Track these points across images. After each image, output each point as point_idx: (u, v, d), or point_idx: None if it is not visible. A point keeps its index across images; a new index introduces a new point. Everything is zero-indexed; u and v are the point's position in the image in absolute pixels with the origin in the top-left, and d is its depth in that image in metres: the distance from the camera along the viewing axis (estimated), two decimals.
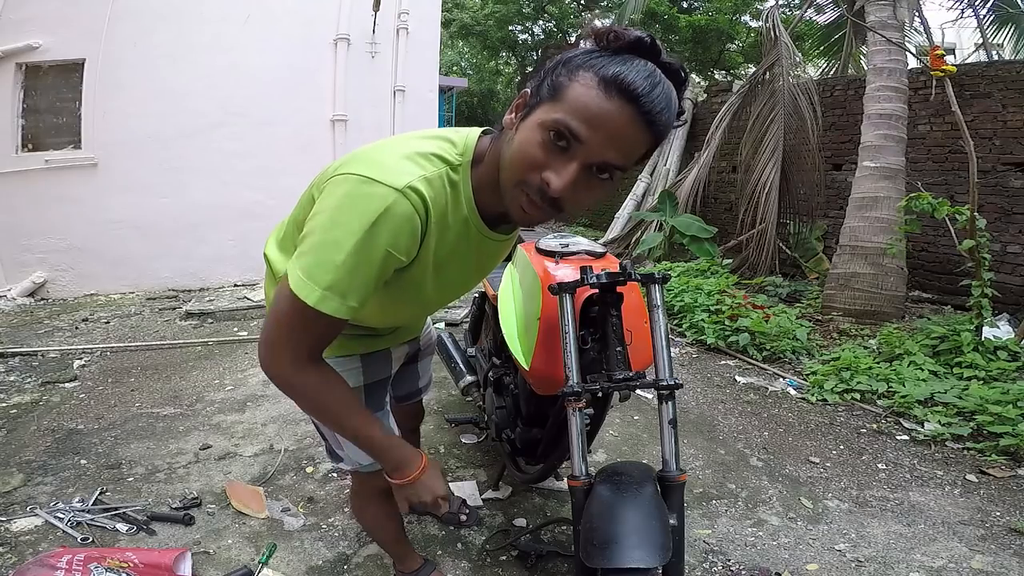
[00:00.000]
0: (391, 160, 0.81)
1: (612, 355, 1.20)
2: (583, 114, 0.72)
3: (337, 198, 0.79)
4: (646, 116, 0.72)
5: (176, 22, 4.86)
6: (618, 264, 1.30)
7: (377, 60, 5.39)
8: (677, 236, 5.79)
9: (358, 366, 1.17)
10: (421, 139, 0.88)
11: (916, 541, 1.79)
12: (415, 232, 0.81)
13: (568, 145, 0.74)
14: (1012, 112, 4.37)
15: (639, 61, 0.74)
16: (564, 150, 0.74)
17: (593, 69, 0.73)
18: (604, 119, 0.72)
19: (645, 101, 0.72)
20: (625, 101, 0.71)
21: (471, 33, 15.35)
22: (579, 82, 0.73)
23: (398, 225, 0.78)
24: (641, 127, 0.73)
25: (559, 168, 0.75)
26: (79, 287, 4.88)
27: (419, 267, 0.89)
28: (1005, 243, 4.37)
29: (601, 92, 0.72)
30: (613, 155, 0.75)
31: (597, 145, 0.73)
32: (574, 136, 0.73)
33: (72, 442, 2.28)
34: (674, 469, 1.12)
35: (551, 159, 0.75)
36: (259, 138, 5.07)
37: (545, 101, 0.76)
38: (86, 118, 4.75)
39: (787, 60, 5.60)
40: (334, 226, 0.78)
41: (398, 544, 1.45)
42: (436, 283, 0.95)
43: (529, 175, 0.77)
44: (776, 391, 3.07)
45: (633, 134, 0.74)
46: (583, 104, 0.72)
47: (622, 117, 0.72)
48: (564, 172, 0.75)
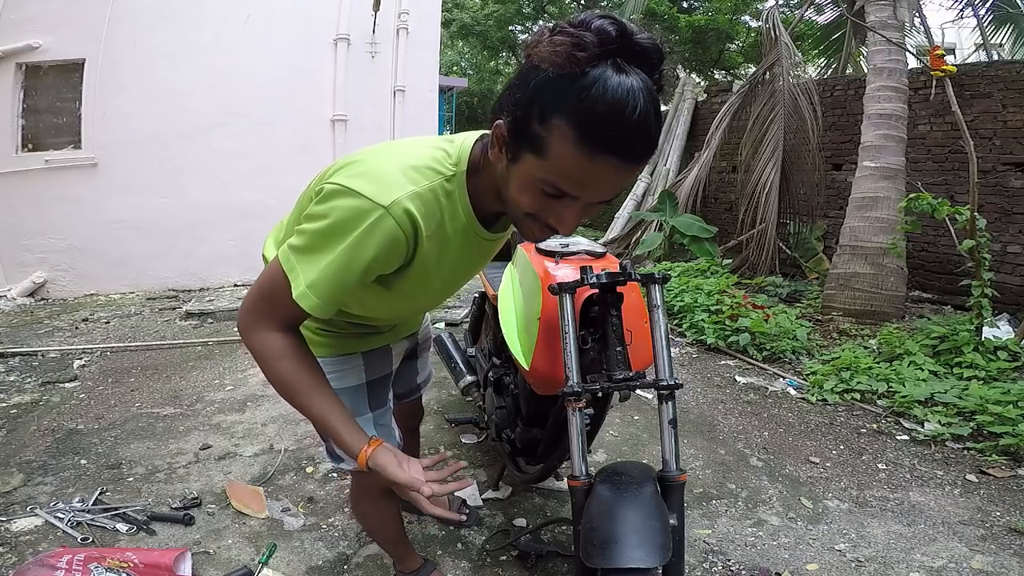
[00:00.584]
0: (384, 173, 0.83)
1: (612, 355, 1.20)
2: (571, 177, 0.72)
3: (329, 207, 0.81)
4: (633, 160, 0.71)
5: (176, 22, 4.86)
6: (618, 264, 1.30)
7: (377, 60, 5.39)
8: (677, 236, 5.79)
9: (360, 364, 1.18)
10: (418, 148, 0.89)
11: (916, 541, 1.79)
12: (399, 246, 0.84)
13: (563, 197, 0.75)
14: (1012, 112, 4.37)
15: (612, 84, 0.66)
16: (560, 200, 0.76)
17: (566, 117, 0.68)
18: (593, 178, 0.72)
19: (630, 147, 0.69)
20: (609, 155, 0.69)
21: (471, 33, 15.35)
22: (556, 136, 0.69)
23: (382, 240, 0.81)
24: (630, 167, 0.72)
25: (562, 214, 0.78)
26: (79, 287, 4.88)
27: (418, 272, 0.92)
28: (1005, 243, 4.37)
29: (583, 153, 0.69)
30: (609, 195, 0.76)
31: (592, 195, 0.75)
32: (568, 195, 0.74)
33: (72, 442, 2.28)
34: (674, 469, 1.12)
35: (551, 205, 0.77)
36: (259, 138, 5.07)
37: (528, 151, 0.73)
38: (86, 118, 4.76)
39: (787, 60, 5.60)
40: (324, 233, 0.81)
41: (398, 544, 1.45)
42: (439, 281, 0.98)
43: (536, 214, 0.79)
44: (776, 391, 3.07)
45: (624, 176, 0.73)
46: (569, 169, 0.71)
47: (610, 169, 0.71)
48: (567, 218, 0.78)
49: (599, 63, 0.67)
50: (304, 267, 0.83)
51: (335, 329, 1.12)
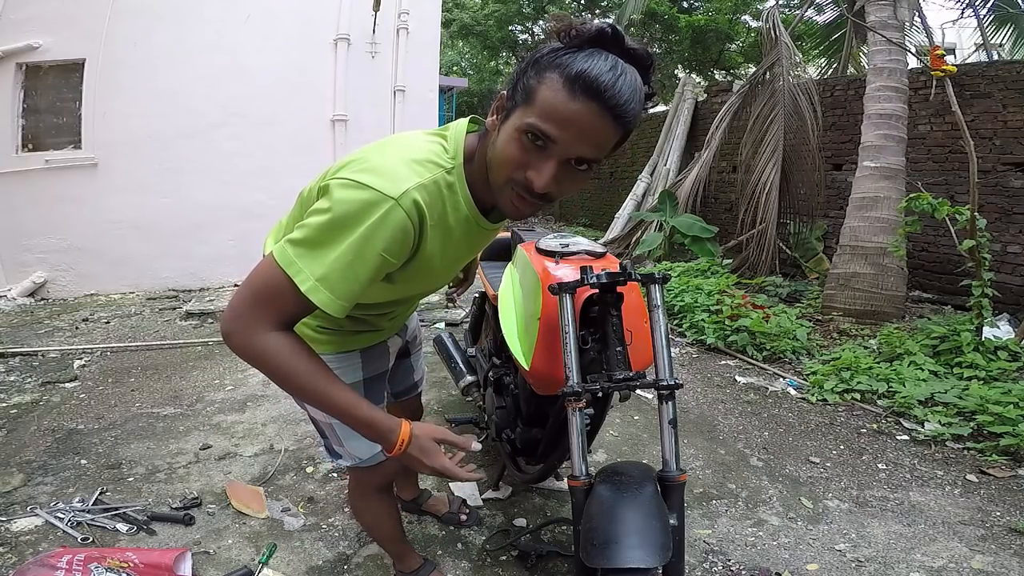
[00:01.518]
0: (390, 166, 0.84)
1: (612, 355, 1.20)
2: (552, 116, 0.76)
3: (336, 202, 0.80)
4: (612, 110, 0.76)
5: (176, 22, 4.86)
6: (618, 264, 1.30)
7: (377, 60, 5.39)
8: (677, 236, 5.79)
9: (358, 361, 1.19)
10: (417, 142, 0.91)
11: (916, 541, 1.79)
12: (408, 238, 0.85)
13: (544, 145, 0.79)
14: (1012, 112, 4.37)
15: (601, 56, 0.76)
16: (541, 149, 0.79)
17: (558, 69, 0.76)
18: (572, 118, 0.76)
19: (609, 96, 0.75)
20: (590, 98, 0.75)
21: (471, 33, 15.35)
22: (546, 84, 0.77)
23: (393, 232, 0.82)
24: (608, 120, 0.77)
25: (539, 167, 0.80)
26: (79, 287, 4.88)
27: (422, 262, 0.93)
28: (1005, 243, 4.37)
29: (566, 93, 0.75)
30: (586, 150, 0.79)
31: (569, 143, 0.78)
32: (547, 137, 0.78)
33: (72, 442, 2.28)
34: (674, 469, 1.12)
35: (531, 159, 0.80)
36: (259, 138, 5.07)
37: (519, 105, 0.80)
38: (86, 118, 4.76)
39: (787, 60, 5.60)
40: (332, 227, 0.80)
41: (397, 543, 1.45)
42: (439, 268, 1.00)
43: (514, 174, 0.82)
44: (776, 391, 3.07)
45: (601, 128, 0.77)
46: (551, 106, 0.76)
47: (589, 114, 0.76)
48: (544, 170, 0.80)
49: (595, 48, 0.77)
50: (309, 262, 0.80)
51: (335, 327, 1.13)
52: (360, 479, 1.31)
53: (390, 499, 1.37)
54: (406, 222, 0.82)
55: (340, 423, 1.14)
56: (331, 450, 1.24)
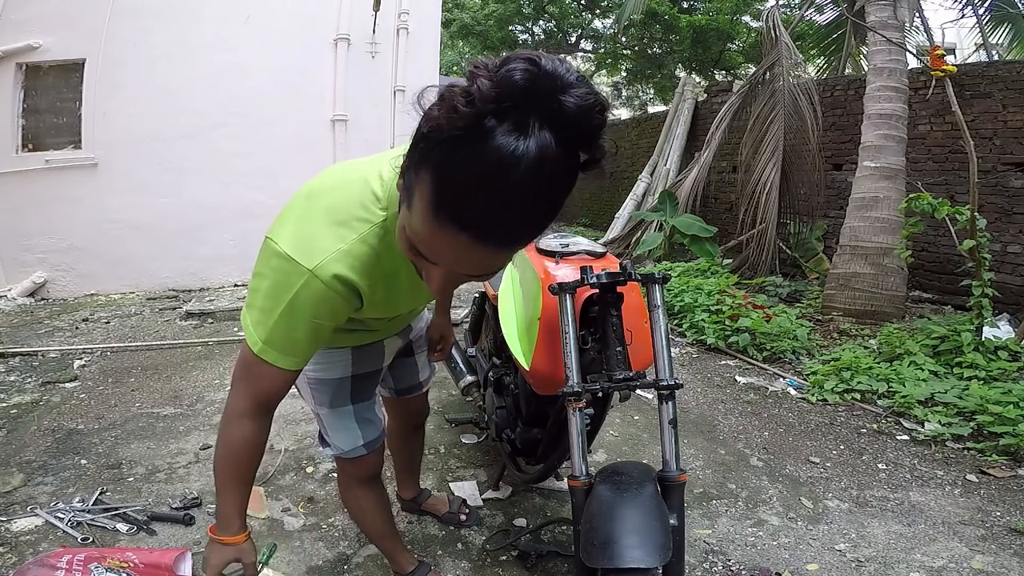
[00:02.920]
0: (313, 230, 0.82)
1: (612, 355, 1.20)
2: (423, 240, 0.62)
3: (266, 270, 0.83)
4: (492, 241, 0.59)
5: (176, 22, 4.86)
6: (618, 264, 1.30)
7: (377, 60, 5.39)
8: (677, 236, 5.79)
9: (347, 358, 1.20)
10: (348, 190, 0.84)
11: (916, 541, 1.79)
12: (337, 302, 0.84)
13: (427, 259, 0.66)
14: (1012, 112, 4.37)
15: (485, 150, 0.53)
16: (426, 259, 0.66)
17: (429, 172, 0.58)
18: (442, 250, 0.61)
19: (485, 228, 0.57)
20: (459, 230, 0.57)
21: (471, 33, 15.32)
22: (419, 191, 0.60)
23: (315, 303, 0.82)
24: (491, 249, 0.60)
25: (428, 271, 0.69)
26: (79, 287, 4.88)
27: (376, 306, 0.93)
28: (1005, 243, 4.37)
29: (431, 219, 0.59)
30: (471, 270, 0.65)
31: (450, 265, 0.65)
32: (427, 258, 0.65)
33: (72, 442, 2.28)
34: (674, 469, 1.12)
35: (419, 261, 0.68)
36: (259, 138, 5.07)
37: (405, 201, 0.64)
38: (86, 118, 4.76)
39: (787, 60, 5.60)
40: (266, 295, 0.84)
41: (384, 538, 1.45)
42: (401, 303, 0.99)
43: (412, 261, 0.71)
44: (776, 391, 3.07)
45: (484, 256, 0.62)
46: (419, 230, 0.61)
47: (459, 246, 0.59)
48: (433, 278, 0.69)
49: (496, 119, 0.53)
50: (258, 327, 0.85)
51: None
52: (344, 469, 1.35)
53: (375, 493, 1.38)
54: (327, 292, 0.81)
55: (326, 414, 1.22)
56: (321, 438, 1.30)
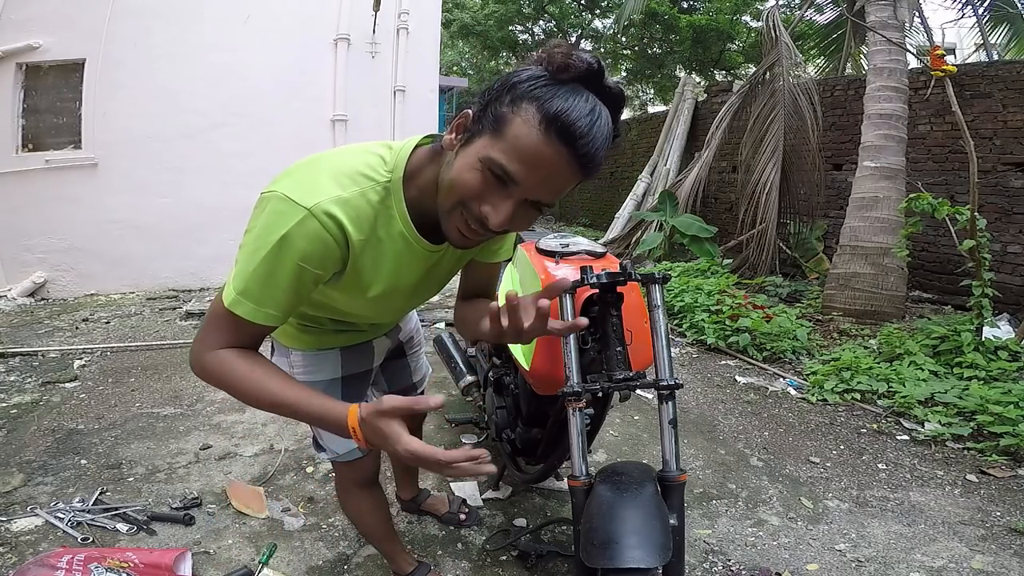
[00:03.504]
0: (314, 179, 0.83)
1: (612, 355, 1.20)
2: (521, 156, 0.73)
3: (259, 214, 0.83)
4: (581, 159, 0.74)
5: (176, 22, 4.86)
6: (618, 264, 1.30)
7: (377, 60, 5.39)
8: (677, 236, 5.79)
9: (336, 359, 1.20)
10: (355, 154, 0.88)
11: (916, 541, 1.79)
12: (328, 249, 0.83)
13: (506, 183, 0.76)
14: (1012, 112, 4.37)
15: (581, 96, 0.74)
16: (502, 187, 0.76)
17: (536, 103, 0.73)
18: (541, 162, 0.74)
19: (582, 143, 0.73)
20: (563, 144, 0.72)
21: (471, 33, 15.34)
22: (520, 117, 0.73)
23: (307, 241, 0.80)
24: (575, 168, 0.75)
25: (497, 203, 0.77)
26: (79, 287, 4.88)
27: (356, 276, 0.91)
28: (1005, 243, 4.37)
29: (541, 133, 0.72)
30: (547, 195, 0.78)
31: (534, 186, 0.76)
32: (511, 178, 0.75)
33: (72, 442, 2.28)
34: (674, 469, 1.12)
35: (488, 193, 0.77)
36: (259, 138, 5.07)
37: (487, 131, 0.76)
38: (86, 118, 4.76)
39: (787, 60, 5.60)
40: (253, 239, 0.83)
41: (383, 540, 1.45)
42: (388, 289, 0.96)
43: (469, 202, 0.78)
44: (776, 391, 3.07)
45: (569, 174, 0.76)
46: (522, 145, 0.73)
47: (559, 160, 0.73)
48: (501, 208, 0.77)
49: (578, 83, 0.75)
50: (237, 278, 0.83)
51: (315, 325, 1.14)
52: (340, 473, 1.34)
53: (372, 496, 1.38)
54: (321, 232, 0.81)
55: None
56: (316, 443, 1.28)
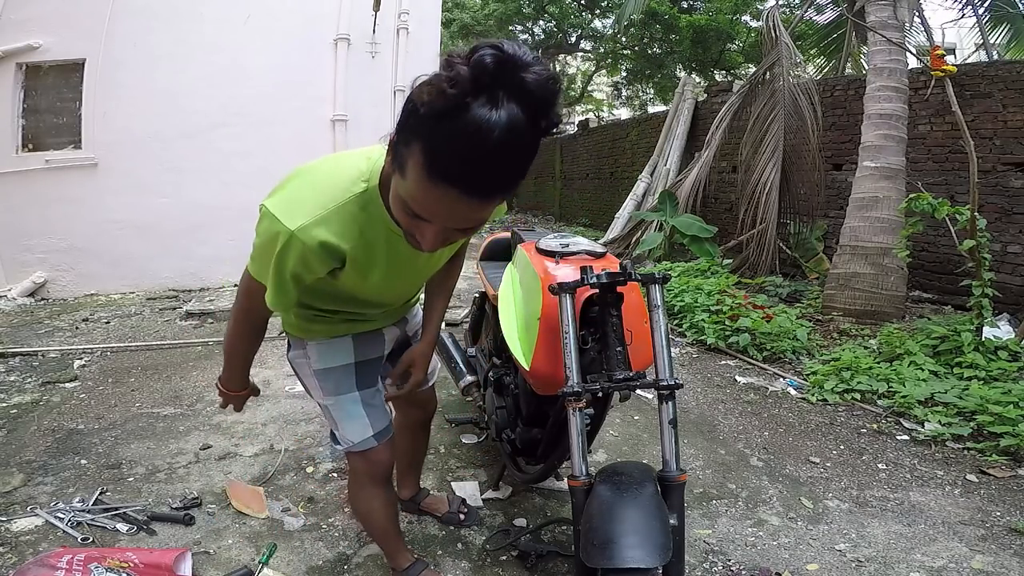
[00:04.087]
0: (299, 196, 0.93)
1: (612, 355, 1.21)
2: (419, 201, 0.75)
3: (259, 227, 0.95)
4: (478, 192, 0.72)
5: (176, 22, 4.86)
6: (618, 264, 1.30)
7: (377, 60, 5.39)
8: (677, 236, 5.79)
9: (350, 345, 1.26)
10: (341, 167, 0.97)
11: (916, 541, 1.79)
12: (317, 258, 0.94)
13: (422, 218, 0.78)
14: (1012, 112, 4.36)
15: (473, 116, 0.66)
16: (421, 220, 0.79)
17: (420, 143, 0.70)
18: (437, 204, 0.74)
19: (470, 180, 0.70)
20: (449, 185, 0.70)
21: (471, 33, 15.32)
22: (411, 160, 0.72)
23: (297, 258, 0.93)
24: (477, 200, 0.73)
25: (422, 232, 0.81)
26: (79, 287, 4.88)
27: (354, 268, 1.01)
28: (1005, 243, 4.36)
29: (425, 179, 0.71)
30: (461, 224, 0.80)
31: (442, 222, 0.78)
32: (421, 217, 0.78)
33: (72, 442, 2.28)
34: (674, 469, 1.12)
35: (413, 224, 0.81)
36: (259, 138, 5.07)
37: (397, 169, 0.77)
38: (86, 118, 4.76)
39: (787, 60, 5.60)
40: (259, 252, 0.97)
41: (389, 538, 1.46)
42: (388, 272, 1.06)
43: (405, 228, 0.86)
44: (776, 391, 3.07)
45: (473, 207, 0.74)
46: (416, 192, 0.74)
47: (453, 200, 0.72)
48: (427, 237, 0.82)
49: (473, 96, 0.66)
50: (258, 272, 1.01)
51: (327, 313, 1.21)
52: (355, 467, 1.35)
53: (386, 493, 1.39)
54: (305, 249, 0.91)
55: (333, 404, 1.26)
56: (333, 435, 1.34)
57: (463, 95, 0.66)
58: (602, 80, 19.86)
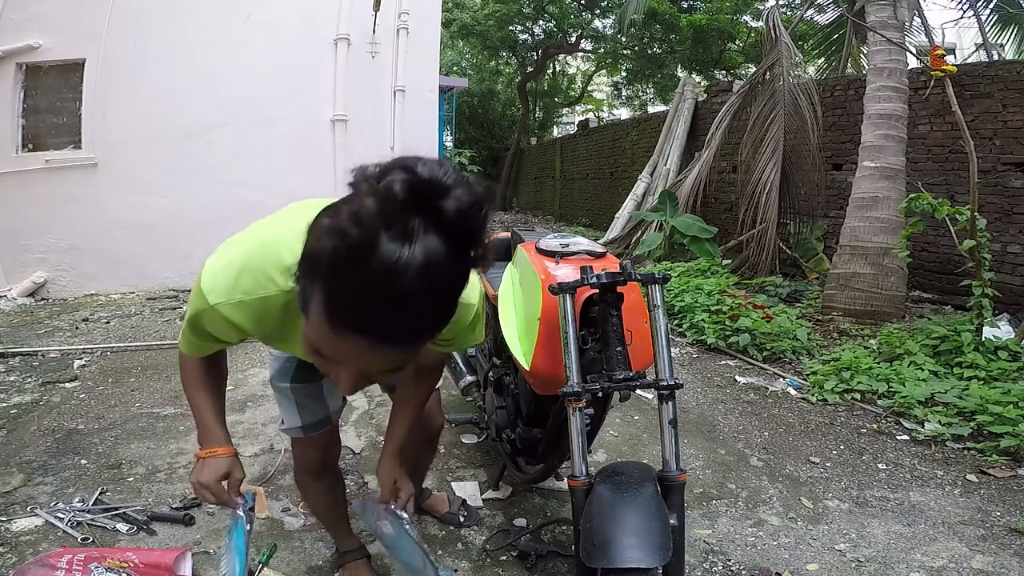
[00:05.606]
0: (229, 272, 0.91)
1: (612, 355, 1.21)
2: (328, 349, 0.64)
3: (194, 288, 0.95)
4: (392, 341, 0.61)
5: (176, 22, 4.86)
6: (618, 264, 1.30)
7: (377, 60, 5.39)
8: (677, 236, 5.79)
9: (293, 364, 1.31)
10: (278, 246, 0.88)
11: (916, 541, 1.79)
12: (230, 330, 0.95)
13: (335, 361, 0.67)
14: (1012, 112, 4.37)
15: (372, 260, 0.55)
16: (333, 363, 0.66)
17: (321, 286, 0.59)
18: (347, 353, 0.62)
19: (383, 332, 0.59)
20: (358, 336, 0.59)
21: (471, 33, 15.33)
22: (314, 302, 0.61)
23: (212, 325, 0.95)
24: (391, 349, 0.61)
25: (336, 374, 0.69)
26: (79, 287, 4.88)
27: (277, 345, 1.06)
28: (1005, 243, 4.37)
29: (328, 330, 0.60)
30: (376, 369, 0.67)
31: (356, 366, 0.66)
32: (333, 361, 0.66)
33: (72, 442, 2.28)
34: (674, 469, 1.12)
35: (326, 366, 0.68)
36: (259, 138, 5.07)
37: (303, 308, 0.64)
38: (86, 118, 4.76)
39: (787, 60, 5.60)
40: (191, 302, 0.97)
41: (326, 520, 1.52)
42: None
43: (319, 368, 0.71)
44: (776, 391, 3.07)
45: (387, 356, 0.62)
46: (321, 339, 0.63)
47: (365, 349, 0.60)
48: (343, 380, 0.69)
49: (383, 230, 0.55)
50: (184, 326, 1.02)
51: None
52: (296, 454, 1.42)
53: (323, 486, 1.43)
54: (220, 321, 0.92)
55: (274, 388, 1.36)
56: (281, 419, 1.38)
57: (368, 234, 0.55)
58: (602, 80, 19.85)
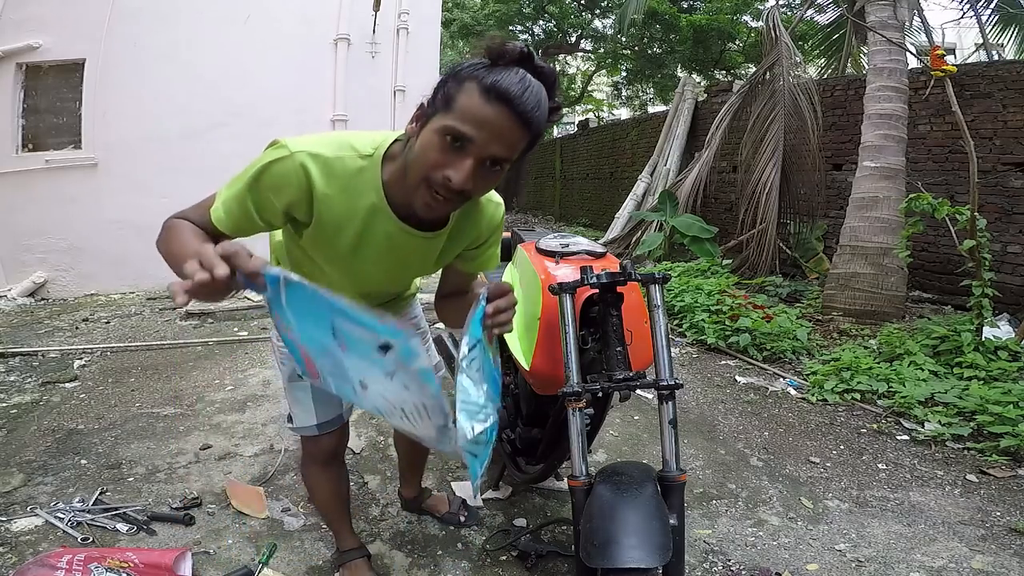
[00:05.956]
0: (311, 138, 0.99)
1: (612, 355, 1.21)
2: (470, 118, 0.87)
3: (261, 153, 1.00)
4: (520, 115, 0.87)
5: (176, 22, 4.86)
6: (618, 264, 1.30)
7: (377, 60, 5.39)
8: (677, 236, 5.79)
9: None
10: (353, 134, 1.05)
11: (916, 541, 1.79)
12: (291, 187, 0.97)
13: (462, 145, 0.88)
14: (1012, 112, 4.36)
15: (512, 71, 0.88)
16: (459, 149, 0.89)
17: (475, 80, 0.88)
18: (487, 120, 0.87)
19: (517, 103, 0.87)
20: (502, 104, 0.86)
21: (471, 33, 15.31)
22: (465, 92, 0.88)
23: (277, 177, 0.97)
24: (517, 124, 0.88)
25: (457, 165, 0.89)
26: (79, 287, 4.88)
27: (321, 229, 1.03)
28: (1005, 243, 4.36)
29: (482, 99, 0.87)
30: (500, 149, 0.89)
31: (485, 142, 0.88)
32: (465, 137, 0.88)
33: (72, 442, 2.28)
34: (674, 469, 1.12)
35: (449, 158, 0.89)
36: (259, 138, 4.91)
37: (440, 111, 0.90)
38: (86, 118, 4.76)
39: (787, 60, 5.59)
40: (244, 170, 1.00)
41: (332, 515, 1.53)
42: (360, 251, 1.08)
43: (432, 173, 0.90)
44: (776, 391, 3.07)
45: (512, 129, 0.88)
46: (469, 110, 0.87)
47: (501, 117, 0.87)
48: (462, 168, 0.89)
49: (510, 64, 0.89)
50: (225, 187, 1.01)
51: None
52: (303, 446, 1.44)
53: (328, 473, 1.45)
54: (289, 172, 0.96)
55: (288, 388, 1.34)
56: (289, 418, 1.38)
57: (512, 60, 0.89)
58: (602, 80, 19.84)
